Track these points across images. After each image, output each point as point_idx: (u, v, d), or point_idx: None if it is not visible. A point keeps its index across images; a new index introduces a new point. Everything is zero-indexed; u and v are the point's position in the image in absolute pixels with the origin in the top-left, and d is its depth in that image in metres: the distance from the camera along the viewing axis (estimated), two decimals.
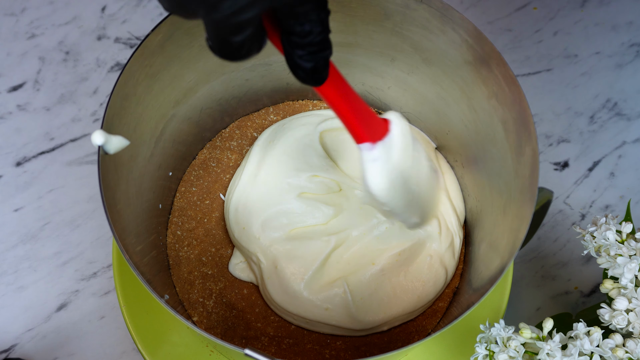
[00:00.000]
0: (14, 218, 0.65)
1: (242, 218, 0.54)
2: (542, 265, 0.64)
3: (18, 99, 0.69)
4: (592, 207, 0.67)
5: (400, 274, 0.53)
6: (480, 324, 0.44)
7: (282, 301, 0.52)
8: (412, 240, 0.53)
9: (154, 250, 0.51)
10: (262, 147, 0.56)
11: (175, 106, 0.51)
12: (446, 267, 0.54)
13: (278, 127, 0.58)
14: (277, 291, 0.52)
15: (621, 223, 0.47)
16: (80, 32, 0.71)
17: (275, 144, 0.55)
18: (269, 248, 0.53)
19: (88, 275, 0.63)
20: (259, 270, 0.53)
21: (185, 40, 0.47)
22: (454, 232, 0.55)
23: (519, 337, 0.42)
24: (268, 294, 0.53)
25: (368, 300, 0.52)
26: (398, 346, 0.53)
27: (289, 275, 0.52)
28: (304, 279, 0.52)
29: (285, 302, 0.52)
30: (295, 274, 0.52)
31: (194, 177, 0.58)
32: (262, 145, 0.56)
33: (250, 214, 0.54)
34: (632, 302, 0.44)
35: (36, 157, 0.67)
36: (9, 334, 0.61)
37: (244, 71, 0.54)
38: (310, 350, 0.53)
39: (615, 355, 0.42)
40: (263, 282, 0.53)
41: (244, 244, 0.53)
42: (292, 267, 0.52)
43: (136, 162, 0.47)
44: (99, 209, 0.65)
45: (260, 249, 0.53)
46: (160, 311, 0.52)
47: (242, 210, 0.54)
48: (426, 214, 0.53)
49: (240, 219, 0.54)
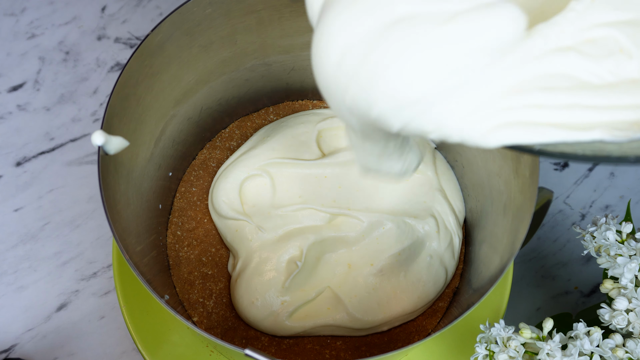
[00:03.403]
0: (14, 218, 0.65)
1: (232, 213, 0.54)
2: (542, 265, 0.64)
3: (18, 99, 0.69)
4: (592, 207, 0.67)
5: (400, 274, 0.53)
6: (480, 324, 0.44)
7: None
8: (412, 239, 0.53)
9: (154, 251, 0.51)
10: (255, 140, 0.56)
11: (175, 106, 0.51)
12: (446, 267, 0.54)
13: (276, 125, 0.58)
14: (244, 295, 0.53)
15: (621, 223, 0.47)
16: (80, 32, 0.71)
17: (269, 140, 0.56)
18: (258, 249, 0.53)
19: (88, 275, 0.63)
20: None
21: (185, 41, 0.47)
22: (452, 231, 0.55)
23: (519, 337, 0.42)
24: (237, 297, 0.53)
25: (366, 300, 0.52)
26: (398, 346, 0.53)
27: (268, 278, 0.52)
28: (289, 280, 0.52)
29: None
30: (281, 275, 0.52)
31: (194, 177, 0.58)
32: (255, 139, 0.57)
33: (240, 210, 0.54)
34: (632, 302, 0.44)
35: (36, 157, 0.67)
36: (9, 334, 0.61)
37: (244, 71, 0.54)
38: (310, 350, 0.53)
39: (615, 355, 0.42)
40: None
41: (236, 245, 0.54)
42: (269, 270, 0.52)
43: (136, 162, 0.47)
44: (99, 209, 0.65)
45: (251, 249, 0.53)
46: (160, 311, 0.52)
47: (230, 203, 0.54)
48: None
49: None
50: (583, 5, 0.27)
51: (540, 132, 0.27)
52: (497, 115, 0.27)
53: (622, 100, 0.27)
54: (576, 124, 0.27)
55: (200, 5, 0.45)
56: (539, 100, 0.27)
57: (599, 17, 0.27)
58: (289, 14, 0.50)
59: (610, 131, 0.26)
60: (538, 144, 0.27)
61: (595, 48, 0.27)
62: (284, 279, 0.52)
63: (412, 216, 0.54)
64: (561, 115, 0.27)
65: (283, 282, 0.51)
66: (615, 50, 0.27)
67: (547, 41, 0.27)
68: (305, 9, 0.31)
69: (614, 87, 0.27)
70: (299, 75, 0.57)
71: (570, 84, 0.27)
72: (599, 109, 0.27)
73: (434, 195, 0.55)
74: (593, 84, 0.27)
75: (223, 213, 0.54)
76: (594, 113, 0.27)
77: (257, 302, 0.51)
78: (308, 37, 0.52)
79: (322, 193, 0.54)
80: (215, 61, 0.51)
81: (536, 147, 0.27)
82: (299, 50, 0.54)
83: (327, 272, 0.53)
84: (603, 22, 0.27)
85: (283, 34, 0.52)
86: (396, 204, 0.55)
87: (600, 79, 0.27)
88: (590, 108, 0.27)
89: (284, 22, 0.50)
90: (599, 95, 0.27)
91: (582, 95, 0.27)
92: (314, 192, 0.54)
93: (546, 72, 0.27)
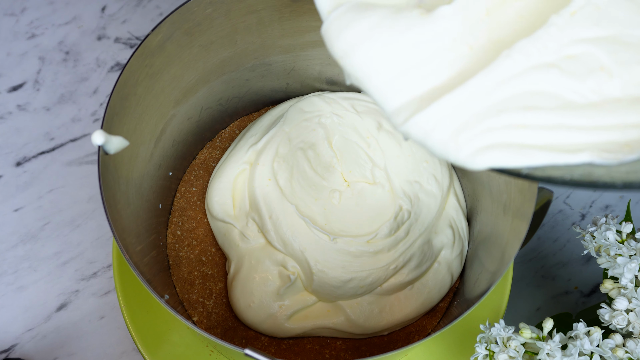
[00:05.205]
0: (14, 218, 0.65)
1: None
2: (542, 265, 0.64)
3: (18, 99, 0.69)
4: (592, 207, 0.67)
5: (407, 286, 0.53)
6: (480, 324, 0.44)
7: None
8: (431, 261, 0.53)
9: (154, 250, 0.51)
10: (240, 135, 0.57)
11: (175, 106, 0.51)
12: (452, 274, 0.54)
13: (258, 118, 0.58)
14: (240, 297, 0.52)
15: (621, 223, 0.47)
16: (80, 32, 0.71)
17: (250, 129, 0.56)
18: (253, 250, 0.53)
19: (88, 275, 0.63)
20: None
21: (185, 41, 0.47)
22: (464, 238, 0.54)
23: (519, 337, 0.42)
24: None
25: (368, 307, 0.52)
26: (398, 346, 0.53)
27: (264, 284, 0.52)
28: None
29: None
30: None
31: (194, 177, 0.58)
32: (240, 135, 0.57)
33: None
34: (632, 302, 0.44)
35: (36, 157, 0.67)
36: (9, 334, 0.61)
37: (244, 71, 0.54)
38: (310, 350, 0.53)
39: (615, 355, 0.42)
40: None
41: (226, 249, 0.54)
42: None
43: (136, 162, 0.47)
44: (99, 209, 0.65)
45: (246, 251, 0.53)
46: (160, 311, 0.52)
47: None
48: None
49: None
50: (563, 19, 0.27)
51: (528, 155, 0.26)
52: (483, 135, 0.27)
53: (608, 120, 0.26)
54: (563, 146, 0.26)
55: (200, 5, 0.45)
56: (524, 120, 0.27)
57: (579, 32, 0.27)
58: (289, 14, 0.50)
59: (599, 153, 0.26)
60: (525, 168, 0.27)
61: (576, 65, 0.27)
62: (279, 285, 0.51)
63: (431, 231, 0.53)
64: (548, 137, 0.26)
65: (278, 288, 0.51)
66: (595, 67, 0.27)
67: (529, 58, 0.27)
68: (305, 9, 0.31)
69: (598, 106, 0.27)
70: (299, 75, 0.57)
71: (555, 104, 0.27)
72: (585, 129, 0.26)
73: (448, 199, 0.55)
74: (577, 103, 0.27)
75: (214, 214, 0.53)
76: (581, 134, 0.26)
77: (253, 304, 0.51)
78: (308, 37, 0.52)
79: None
80: (215, 61, 0.51)
81: (524, 170, 0.27)
82: (299, 50, 0.54)
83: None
84: (583, 38, 0.27)
85: (283, 34, 0.52)
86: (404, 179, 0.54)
87: (583, 98, 0.27)
88: (577, 129, 0.26)
89: (284, 22, 0.50)
90: (585, 116, 0.26)
91: (567, 115, 0.27)
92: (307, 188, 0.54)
93: (529, 89, 0.27)
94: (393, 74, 0.28)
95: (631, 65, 0.27)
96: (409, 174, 0.53)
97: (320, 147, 0.54)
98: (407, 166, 0.54)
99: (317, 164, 0.54)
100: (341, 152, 0.54)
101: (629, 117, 0.26)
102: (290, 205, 0.51)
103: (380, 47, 0.28)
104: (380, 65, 0.28)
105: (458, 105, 0.27)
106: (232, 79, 0.55)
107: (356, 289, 0.50)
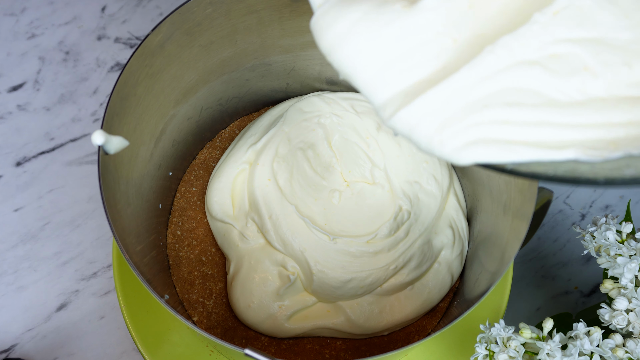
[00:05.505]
0: (14, 218, 0.65)
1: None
2: (542, 265, 0.64)
3: (18, 99, 0.69)
4: (592, 207, 0.67)
5: (407, 286, 0.53)
6: (480, 324, 0.44)
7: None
8: (431, 261, 0.53)
9: (154, 250, 0.51)
10: (240, 135, 0.57)
11: (175, 106, 0.51)
12: (452, 274, 0.54)
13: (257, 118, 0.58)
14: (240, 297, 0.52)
15: (621, 223, 0.47)
16: (80, 32, 0.71)
17: (250, 129, 0.56)
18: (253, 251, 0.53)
19: (88, 275, 0.63)
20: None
21: (185, 40, 0.47)
22: (464, 238, 0.54)
23: (519, 337, 0.42)
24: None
25: (368, 308, 0.52)
26: (398, 346, 0.53)
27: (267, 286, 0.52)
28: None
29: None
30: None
31: (194, 177, 0.58)
32: (240, 134, 0.57)
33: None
34: (632, 302, 0.44)
35: (36, 157, 0.67)
36: (9, 334, 0.61)
37: (244, 71, 0.54)
38: (310, 350, 0.53)
39: (615, 355, 0.42)
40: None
41: (225, 249, 0.54)
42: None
43: (136, 162, 0.47)
44: (99, 209, 0.65)
45: (244, 252, 0.53)
46: (160, 311, 0.52)
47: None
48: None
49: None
50: (546, 17, 0.27)
51: (513, 151, 0.26)
52: (468, 130, 0.27)
53: (593, 118, 0.26)
54: (549, 143, 0.26)
55: (200, 5, 0.45)
56: (509, 116, 0.27)
57: (563, 32, 0.27)
58: (289, 14, 0.50)
59: (584, 150, 0.26)
60: (510, 163, 0.27)
61: (560, 64, 0.27)
62: (279, 285, 0.51)
63: (432, 232, 0.53)
64: (533, 133, 0.26)
65: (278, 288, 0.51)
66: (579, 67, 0.27)
67: (512, 54, 0.27)
68: (305, 9, 0.31)
69: (583, 105, 0.27)
70: (299, 75, 0.57)
71: (539, 101, 0.27)
72: (571, 127, 0.26)
73: (448, 199, 0.55)
74: (561, 101, 0.27)
75: (214, 214, 0.53)
76: (567, 131, 0.26)
77: (253, 305, 0.51)
78: (308, 37, 0.52)
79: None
80: (215, 61, 0.51)
81: (508, 166, 0.27)
82: (299, 50, 0.54)
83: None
84: (566, 38, 0.27)
85: (283, 34, 0.52)
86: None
87: (568, 97, 0.27)
88: (562, 126, 0.26)
89: (284, 22, 0.50)
90: (570, 114, 0.26)
91: (552, 112, 0.27)
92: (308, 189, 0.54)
93: (513, 85, 0.27)
94: (378, 67, 0.28)
95: (615, 66, 0.27)
96: (408, 174, 0.54)
97: (320, 147, 0.54)
98: (406, 166, 0.54)
99: (317, 164, 0.54)
100: (341, 152, 0.54)
101: (615, 116, 0.26)
102: (290, 205, 0.51)
103: (364, 40, 0.28)
104: (366, 59, 0.28)
105: (442, 100, 0.27)
106: (232, 79, 0.55)
107: (356, 289, 0.50)
